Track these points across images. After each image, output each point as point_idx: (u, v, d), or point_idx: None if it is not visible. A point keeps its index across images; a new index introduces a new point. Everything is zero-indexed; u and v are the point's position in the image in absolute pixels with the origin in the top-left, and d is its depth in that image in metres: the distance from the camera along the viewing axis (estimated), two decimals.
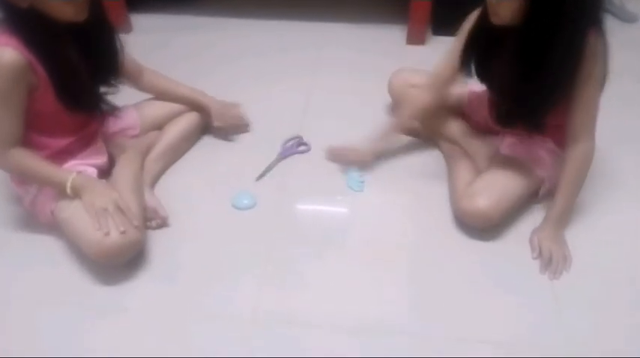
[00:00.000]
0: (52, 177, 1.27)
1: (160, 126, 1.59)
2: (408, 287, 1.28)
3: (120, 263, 1.25)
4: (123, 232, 1.19)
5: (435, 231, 1.42)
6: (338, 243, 1.39)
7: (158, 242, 1.37)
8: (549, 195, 1.45)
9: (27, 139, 1.27)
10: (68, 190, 1.25)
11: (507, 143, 1.47)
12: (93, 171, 1.37)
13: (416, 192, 1.53)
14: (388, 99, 1.80)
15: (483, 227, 1.37)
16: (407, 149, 1.68)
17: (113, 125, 1.50)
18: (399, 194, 1.53)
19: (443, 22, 2.24)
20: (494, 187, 1.37)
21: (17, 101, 1.19)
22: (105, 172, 1.43)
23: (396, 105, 1.78)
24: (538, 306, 1.23)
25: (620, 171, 1.60)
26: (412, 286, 1.28)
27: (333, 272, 1.31)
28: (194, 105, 1.62)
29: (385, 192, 1.53)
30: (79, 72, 1.26)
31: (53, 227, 1.35)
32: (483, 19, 1.27)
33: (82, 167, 1.35)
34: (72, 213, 1.26)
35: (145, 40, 1.41)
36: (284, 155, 1.63)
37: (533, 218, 1.44)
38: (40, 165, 1.27)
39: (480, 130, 1.57)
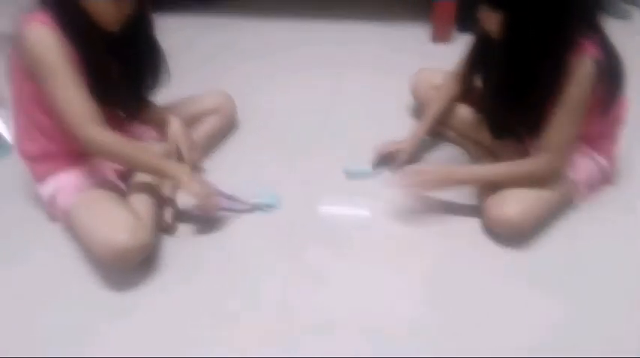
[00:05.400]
0: (162, 169, 1.30)
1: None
2: (430, 290, 1.25)
3: (128, 266, 1.22)
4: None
5: (461, 234, 1.38)
6: (361, 243, 1.36)
7: (180, 242, 1.36)
8: (585, 201, 1.41)
9: (50, 135, 1.27)
10: (183, 179, 1.28)
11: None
12: (112, 175, 1.36)
13: (442, 194, 1.48)
14: (412, 97, 1.77)
15: (513, 236, 1.32)
16: (434, 150, 1.65)
17: (133, 128, 1.49)
18: (423, 196, 1.48)
19: (469, 19, 2.17)
20: (525, 194, 1.30)
21: (74, 73, 1.17)
22: (124, 176, 1.41)
23: (419, 106, 1.75)
24: (565, 316, 1.18)
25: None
26: (435, 289, 1.25)
27: (356, 272, 1.29)
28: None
29: (410, 194, 1.49)
30: (111, 68, 1.27)
31: (68, 226, 1.34)
32: (481, 31, 1.30)
33: (101, 171, 1.34)
34: (85, 213, 1.25)
35: (167, 41, 1.40)
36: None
37: (569, 225, 1.38)
38: (143, 153, 1.29)
39: None
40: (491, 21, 1.21)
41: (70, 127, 1.19)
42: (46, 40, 1.14)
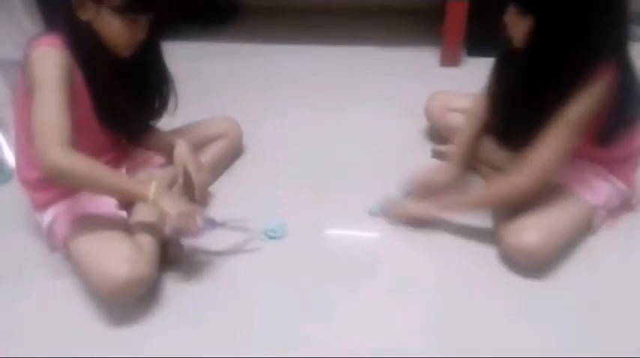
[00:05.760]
0: (128, 188, 1.18)
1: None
2: (442, 322, 1.20)
3: (128, 299, 1.18)
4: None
5: (475, 264, 1.32)
6: (370, 273, 1.32)
7: (183, 276, 1.32)
8: (604, 226, 1.35)
9: None
10: (150, 200, 1.16)
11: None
12: (113, 203, 1.31)
13: (456, 222, 1.43)
14: (421, 123, 1.74)
15: (531, 265, 1.27)
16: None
17: (138, 154, 1.47)
18: (437, 223, 1.43)
19: (478, 42, 2.16)
20: (544, 220, 1.25)
21: (67, 95, 1.11)
22: (126, 204, 1.36)
23: (434, 130, 1.71)
24: (584, 348, 1.12)
25: None
26: (446, 321, 1.20)
27: (364, 304, 1.25)
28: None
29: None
30: (118, 93, 1.25)
31: (65, 257, 1.31)
32: (506, 42, 1.24)
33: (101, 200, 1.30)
34: (84, 244, 1.21)
35: (174, 68, 1.39)
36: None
37: (588, 251, 1.32)
38: (108, 174, 1.16)
39: None
40: (518, 27, 1.16)
41: (35, 146, 1.08)
42: (45, 58, 1.11)
